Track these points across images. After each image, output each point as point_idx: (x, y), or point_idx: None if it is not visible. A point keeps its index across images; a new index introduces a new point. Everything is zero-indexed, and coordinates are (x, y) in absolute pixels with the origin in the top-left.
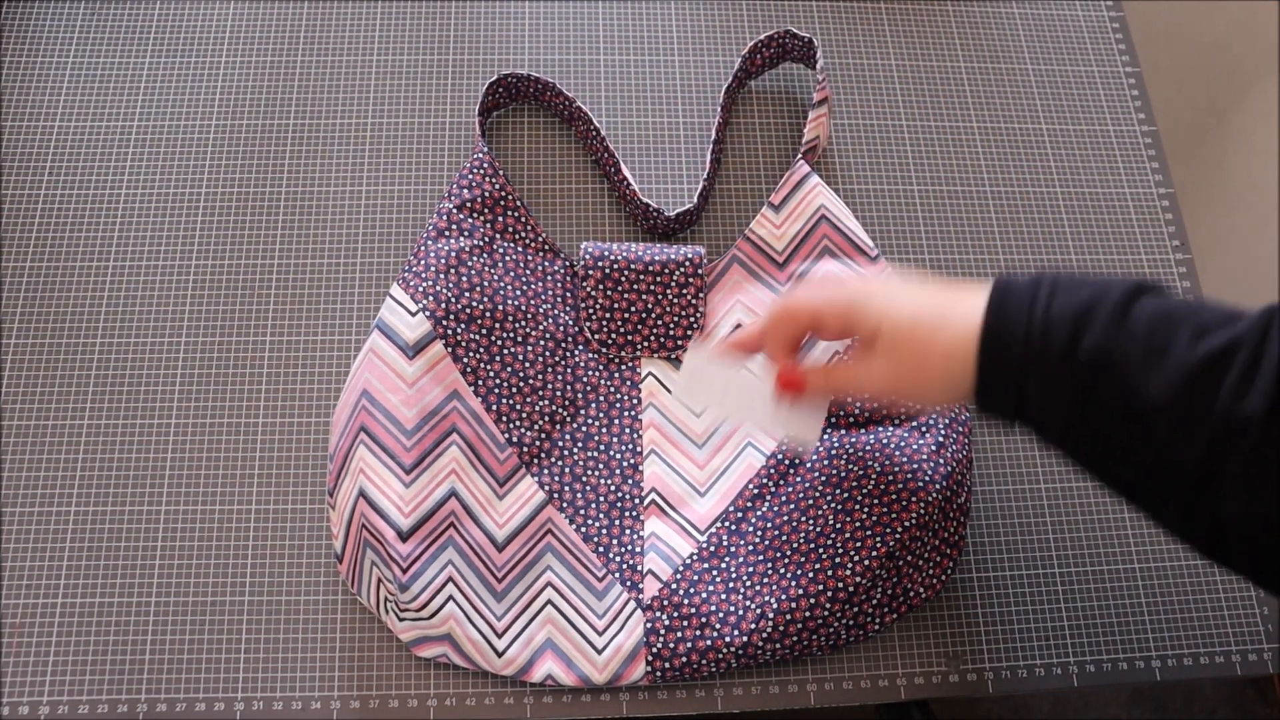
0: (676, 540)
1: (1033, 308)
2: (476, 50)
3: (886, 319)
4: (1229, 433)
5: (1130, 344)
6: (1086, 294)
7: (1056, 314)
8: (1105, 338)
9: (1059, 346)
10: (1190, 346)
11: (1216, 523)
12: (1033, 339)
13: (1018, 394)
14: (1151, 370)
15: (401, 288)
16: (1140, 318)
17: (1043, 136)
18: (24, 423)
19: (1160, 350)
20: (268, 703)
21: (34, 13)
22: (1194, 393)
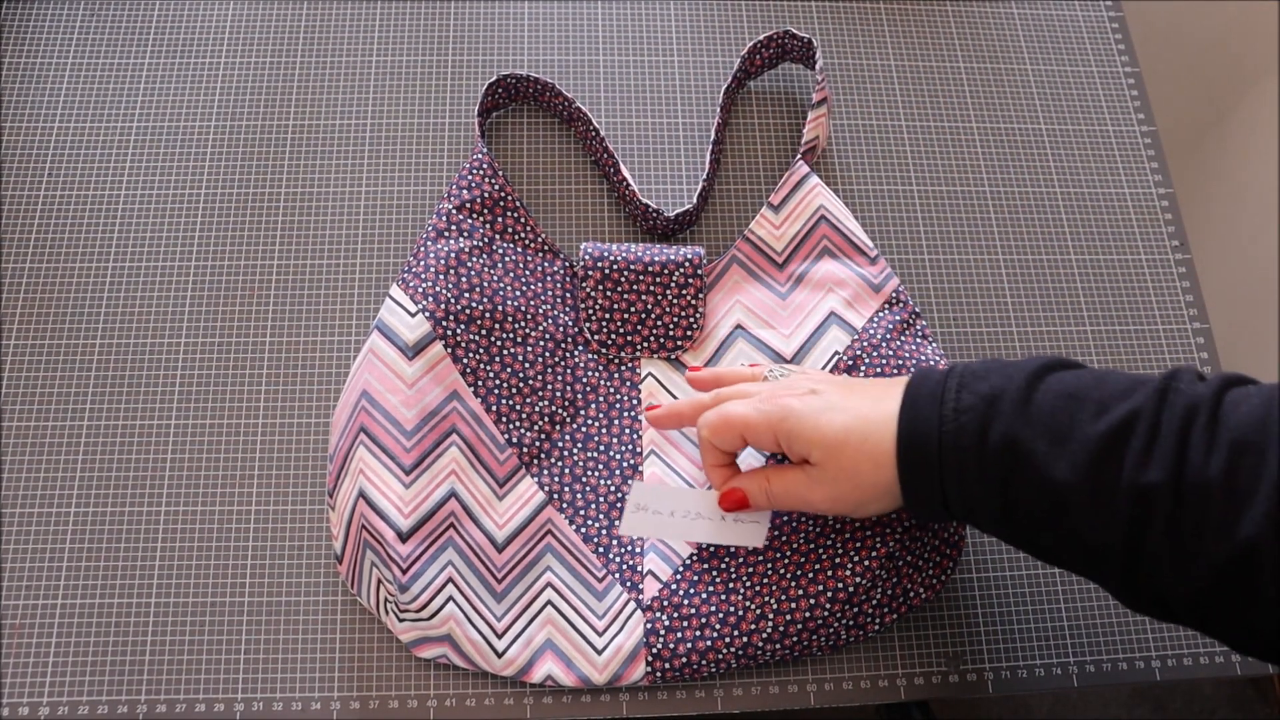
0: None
1: (943, 405)
2: (476, 50)
3: (815, 445)
4: (1139, 503)
5: (1035, 430)
6: (991, 383)
7: (965, 407)
8: (1011, 425)
9: (970, 440)
10: (1092, 423)
11: (1154, 592)
12: (945, 436)
13: (940, 491)
14: (1058, 452)
15: (401, 288)
16: (1045, 401)
17: (1042, 136)
18: (24, 423)
19: (1064, 431)
20: (268, 703)
21: (34, 13)
22: (1100, 469)
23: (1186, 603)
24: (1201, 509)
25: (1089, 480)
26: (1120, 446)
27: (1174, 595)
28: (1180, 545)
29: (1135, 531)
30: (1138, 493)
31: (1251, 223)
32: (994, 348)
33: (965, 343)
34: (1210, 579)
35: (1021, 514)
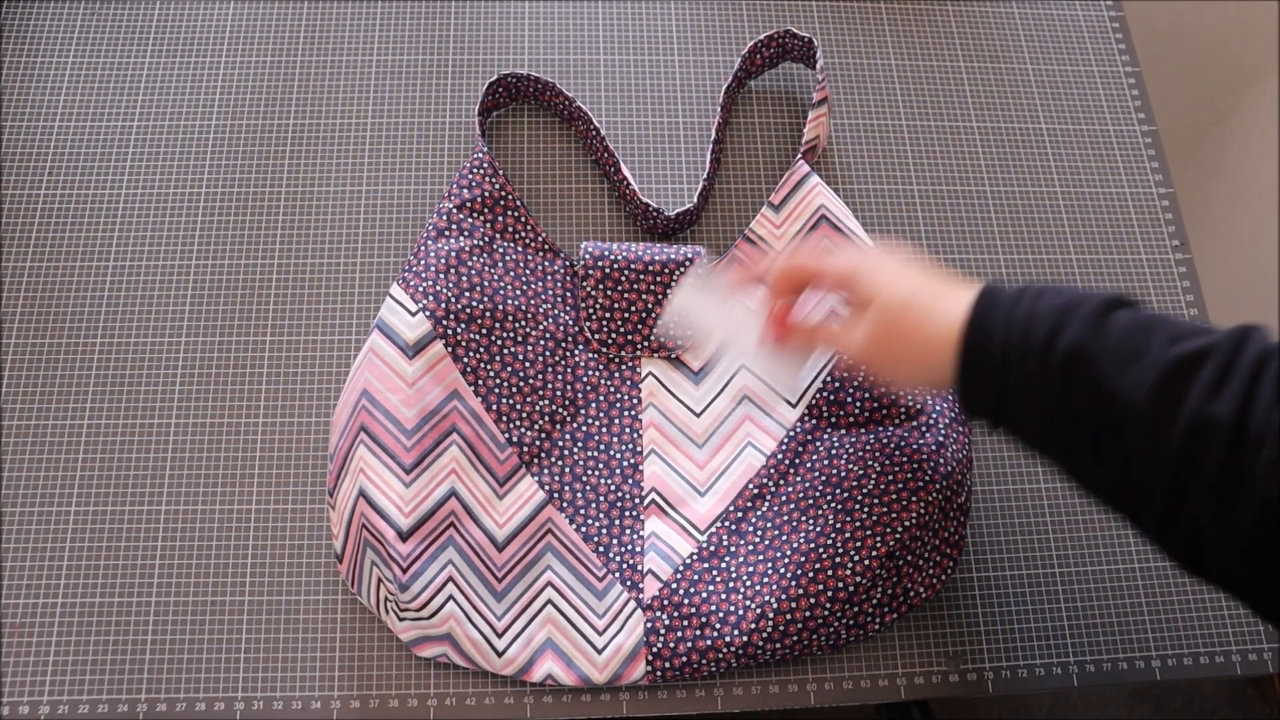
0: (676, 540)
1: (1015, 308)
2: (476, 50)
3: (882, 293)
4: (1198, 434)
5: (1106, 344)
6: (1066, 298)
7: (1038, 313)
8: (1082, 336)
9: (1037, 343)
10: (1164, 349)
11: (1191, 532)
12: (1013, 336)
13: (998, 391)
14: (1126, 370)
15: (401, 288)
16: (1118, 323)
17: (1043, 136)
18: (24, 423)
19: (1135, 352)
20: (268, 702)
21: (34, 13)
22: (1166, 392)
23: (1221, 547)
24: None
25: (1151, 402)
26: (1189, 374)
27: (1210, 537)
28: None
29: (1187, 462)
30: (1199, 423)
31: (1251, 223)
32: None
33: None
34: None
35: (1072, 428)
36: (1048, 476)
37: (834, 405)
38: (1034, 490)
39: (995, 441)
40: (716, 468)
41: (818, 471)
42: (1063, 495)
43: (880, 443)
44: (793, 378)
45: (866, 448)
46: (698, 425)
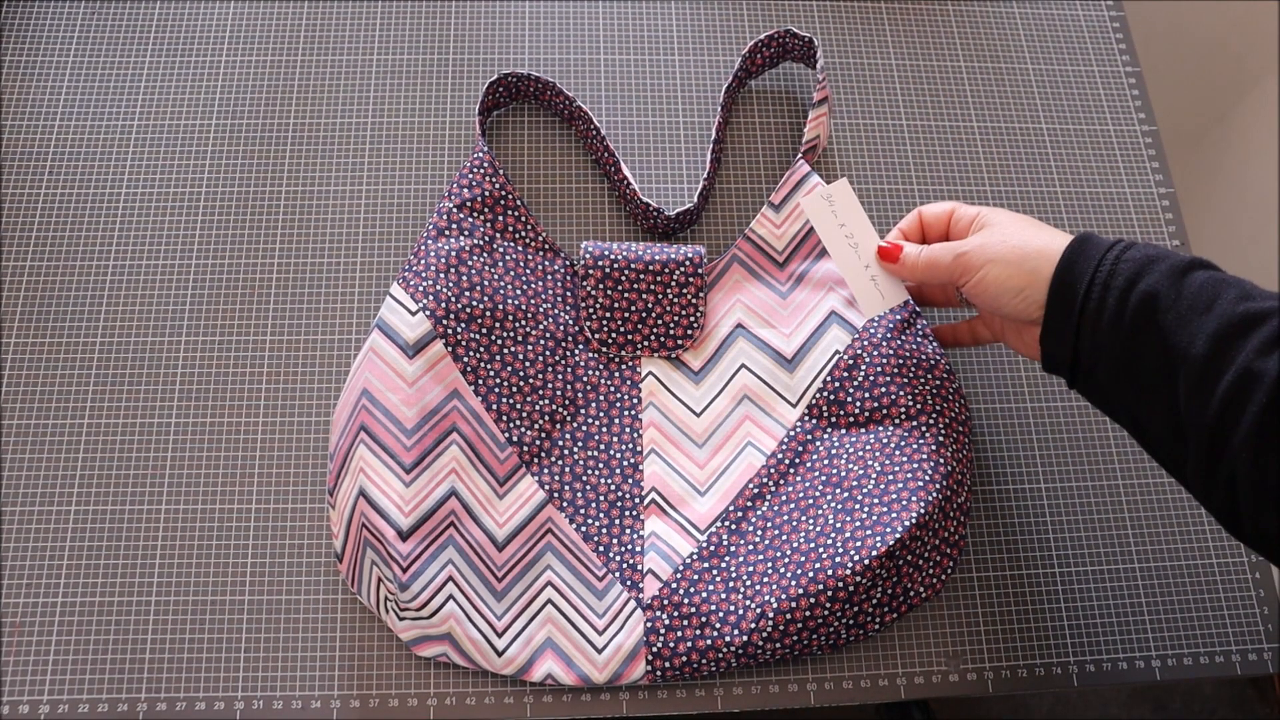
0: (676, 540)
1: (1106, 252)
2: (476, 50)
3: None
4: (1243, 384)
5: (1180, 295)
6: (1154, 251)
7: (1124, 260)
8: (1158, 284)
9: (1118, 288)
10: (1232, 305)
11: (1229, 483)
12: (1098, 278)
13: (1075, 331)
14: (1192, 321)
15: (401, 287)
16: (1196, 279)
17: (1043, 136)
18: (24, 422)
19: (1205, 305)
20: (268, 702)
21: (34, 13)
22: (1223, 343)
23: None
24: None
25: (1207, 351)
26: (1249, 330)
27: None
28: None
29: (1229, 411)
30: (1246, 374)
31: (1251, 223)
32: (994, 348)
33: None
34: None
35: (1137, 372)
36: (1048, 476)
37: (834, 405)
38: (1034, 490)
39: (995, 441)
40: (716, 467)
41: (818, 471)
42: (1063, 495)
43: (880, 443)
44: (886, 301)
45: (866, 448)
46: (698, 425)
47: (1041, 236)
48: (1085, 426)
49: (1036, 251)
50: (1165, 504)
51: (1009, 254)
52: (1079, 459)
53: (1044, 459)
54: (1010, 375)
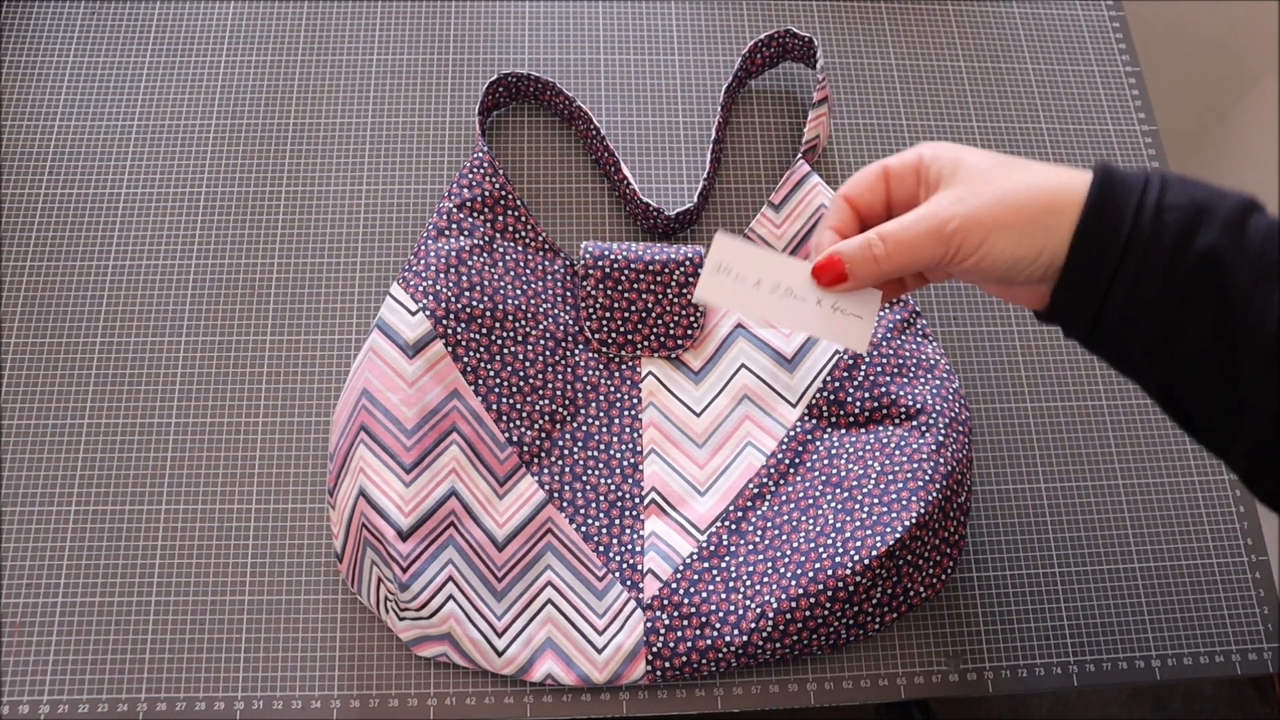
0: (676, 540)
1: (1145, 193)
2: (476, 50)
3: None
4: None
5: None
6: (1202, 193)
7: (1170, 205)
8: (1219, 242)
9: (1168, 241)
10: None
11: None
12: (1139, 229)
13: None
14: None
15: (401, 287)
16: (1258, 230)
17: (1043, 136)
18: (24, 423)
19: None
20: (268, 702)
21: (34, 13)
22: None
23: None
24: None
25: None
26: None
27: None
28: None
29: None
30: None
31: None
32: (994, 348)
33: (965, 342)
34: None
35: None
36: (1048, 476)
37: (834, 405)
38: (1034, 490)
39: (995, 441)
40: (716, 467)
41: (818, 471)
42: (1063, 495)
43: (880, 443)
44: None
45: (866, 448)
46: (698, 425)
47: (1038, 176)
48: (1085, 426)
49: (1046, 204)
50: (1165, 504)
51: (1011, 215)
52: (1079, 459)
53: (1044, 459)
54: (1010, 375)
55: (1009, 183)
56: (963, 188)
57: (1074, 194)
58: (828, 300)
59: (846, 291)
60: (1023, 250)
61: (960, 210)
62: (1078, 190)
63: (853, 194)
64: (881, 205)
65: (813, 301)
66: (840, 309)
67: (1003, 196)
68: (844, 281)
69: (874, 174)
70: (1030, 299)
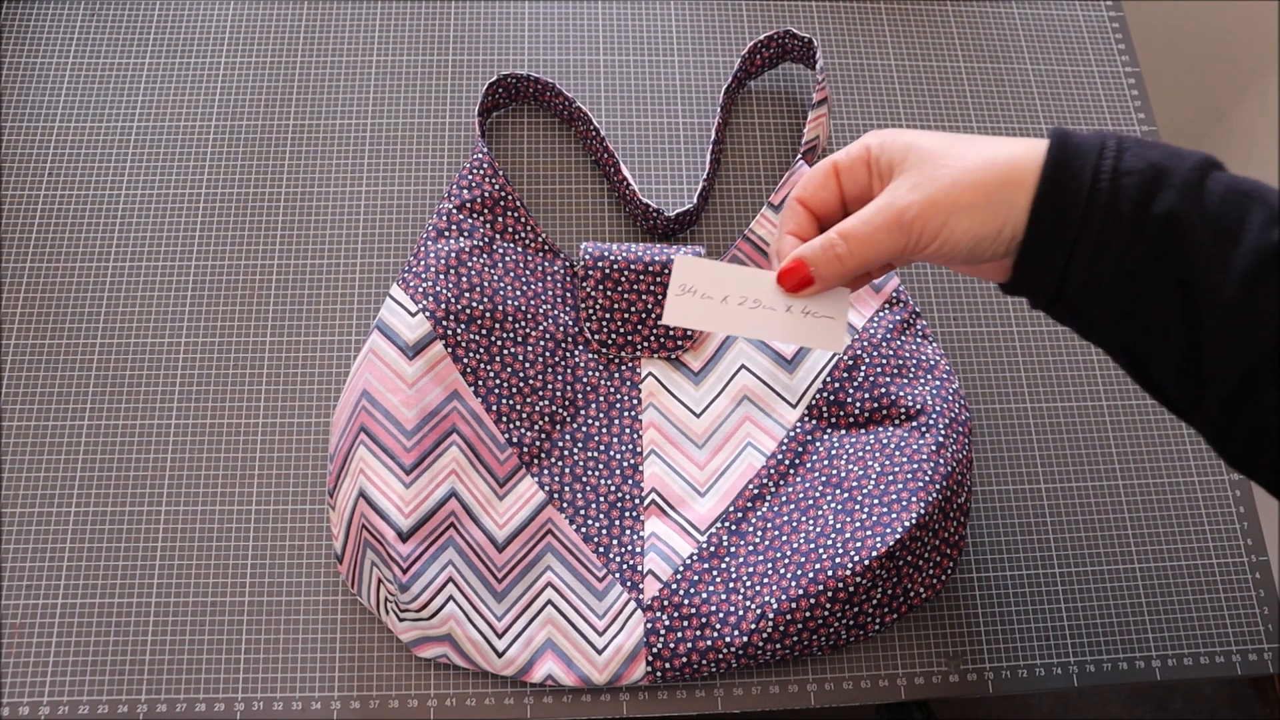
0: (676, 540)
1: (1101, 158)
2: (476, 50)
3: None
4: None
5: (1203, 216)
6: (1158, 154)
7: (1128, 169)
8: (1179, 204)
9: (1127, 205)
10: (1264, 232)
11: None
12: (1098, 193)
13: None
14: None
15: (401, 288)
16: (1215, 191)
17: (1042, 137)
18: (24, 423)
19: (1231, 232)
20: (268, 703)
21: (34, 13)
22: (1261, 284)
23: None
24: None
25: (1242, 292)
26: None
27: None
28: None
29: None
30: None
31: None
32: (994, 348)
33: (965, 342)
34: None
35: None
36: (1048, 476)
37: (834, 405)
38: (1034, 490)
39: (995, 441)
40: (716, 468)
41: (818, 471)
42: (1063, 495)
43: (880, 443)
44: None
45: (866, 448)
46: (698, 425)
47: (992, 150)
48: (1085, 426)
49: (1001, 177)
50: (1165, 504)
51: (968, 194)
52: (1079, 459)
53: (1044, 459)
54: (1010, 375)
55: (963, 162)
56: (916, 172)
57: (1031, 165)
58: (797, 305)
59: (814, 294)
60: (985, 228)
61: (917, 196)
62: (1034, 160)
63: (805, 195)
64: (836, 203)
65: (782, 309)
66: (811, 312)
67: (959, 176)
68: (810, 285)
69: (824, 172)
70: (996, 273)
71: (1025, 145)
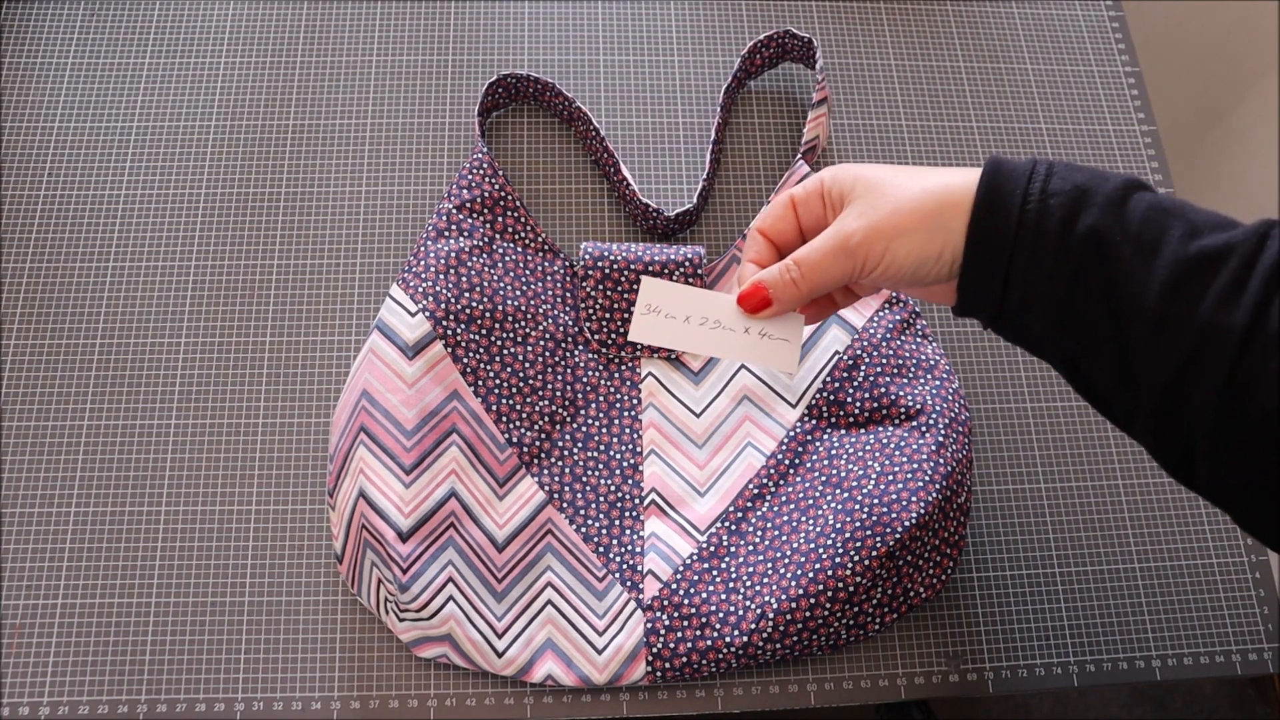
0: (676, 540)
1: (1030, 182)
2: (476, 50)
3: (865, 171)
4: (1208, 340)
5: (1126, 231)
6: (1083, 177)
7: (1054, 191)
8: (1100, 221)
9: (1054, 224)
10: (1182, 243)
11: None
12: (1027, 215)
13: (1004, 271)
14: (1141, 264)
15: (401, 288)
16: (1137, 209)
17: (1043, 136)
18: (24, 423)
19: (1153, 244)
20: (268, 703)
21: (34, 13)
22: (1178, 293)
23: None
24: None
25: (1163, 302)
26: (1207, 277)
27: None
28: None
29: (1191, 368)
30: (1210, 330)
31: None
32: (994, 348)
33: (965, 342)
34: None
35: (1078, 318)
36: (1048, 476)
37: (834, 405)
38: (1034, 490)
39: (995, 441)
40: (716, 468)
41: (818, 471)
42: (1063, 495)
43: (880, 443)
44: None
45: (866, 448)
46: (698, 425)
47: (930, 180)
48: (1085, 426)
49: (937, 203)
50: (1165, 504)
51: (908, 220)
52: (1079, 459)
53: (1044, 459)
54: (1010, 375)
55: (904, 191)
56: (862, 202)
57: (965, 191)
58: (755, 328)
59: (771, 317)
60: (925, 251)
61: (861, 224)
62: (968, 187)
63: (764, 226)
64: (794, 233)
65: (740, 330)
66: (768, 334)
67: (899, 204)
68: (768, 306)
69: (782, 205)
70: (944, 297)
71: (961, 174)
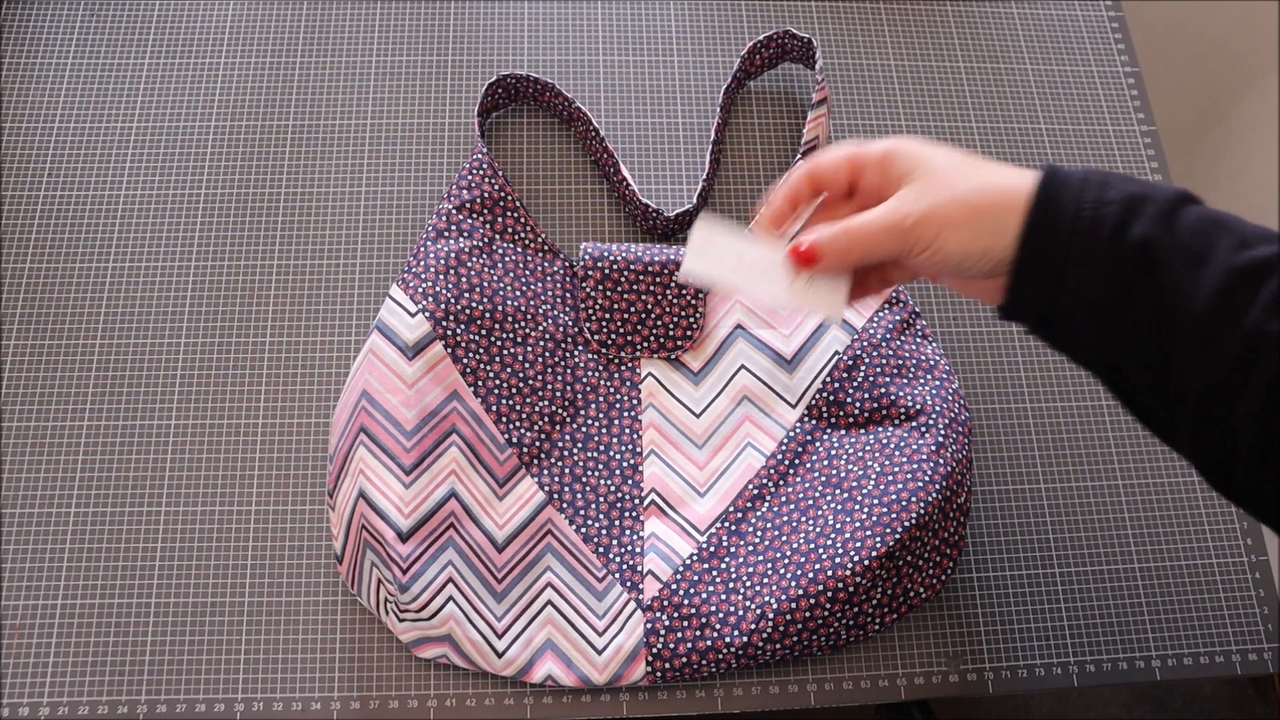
0: (676, 541)
1: (1083, 190)
2: (476, 50)
3: (930, 154)
4: (1254, 348)
5: (1176, 241)
6: (1136, 188)
7: (1107, 200)
8: (1152, 230)
9: (1107, 230)
10: (1231, 254)
11: (1226, 447)
12: (1082, 221)
13: (1059, 273)
14: (1191, 272)
15: (401, 288)
16: (1188, 219)
17: (1042, 136)
18: (24, 423)
19: (1202, 254)
20: (268, 703)
21: (34, 13)
22: (1228, 301)
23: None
24: None
25: (1212, 309)
26: (1255, 286)
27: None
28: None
29: (1237, 376)
30: (1257, 337)
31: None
32: (994, 348)
33: (965, 343)
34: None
35: (1127, 324)
36: (1048, 476)
37: (834, 405)
38: (1034, 490)
39: (995, 441)
40: (716, 468)
41: (818, 472)
42: (1063, 495)
43: (880, 443)
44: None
45: (866, 448)
46: (697, 426)
47: (991, 179)
48: (1085, 426)
49: (995, 204)
50: (1165, 504)
51: (962, 212)
52: (1079, 459)
53: (1044, 459)
54: (1010, 375)
55: (964, 183)
56: (922, 184)
57: (1020, 194)
58: (803, 278)
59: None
60: (973, 246)
61: (918, 208)
62: (1025, 189)
63: (818, 169)
64: (842, 187)
65: (789, 279)
66: (814, 285)
67: (956, 196)
68: (816, 263)
69: (841, 156)
70: (984, 293)
71: (1020, 175)
